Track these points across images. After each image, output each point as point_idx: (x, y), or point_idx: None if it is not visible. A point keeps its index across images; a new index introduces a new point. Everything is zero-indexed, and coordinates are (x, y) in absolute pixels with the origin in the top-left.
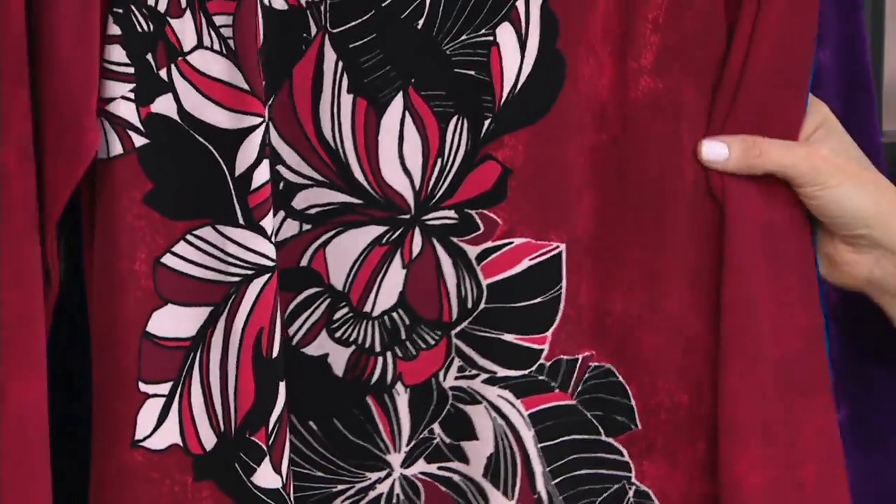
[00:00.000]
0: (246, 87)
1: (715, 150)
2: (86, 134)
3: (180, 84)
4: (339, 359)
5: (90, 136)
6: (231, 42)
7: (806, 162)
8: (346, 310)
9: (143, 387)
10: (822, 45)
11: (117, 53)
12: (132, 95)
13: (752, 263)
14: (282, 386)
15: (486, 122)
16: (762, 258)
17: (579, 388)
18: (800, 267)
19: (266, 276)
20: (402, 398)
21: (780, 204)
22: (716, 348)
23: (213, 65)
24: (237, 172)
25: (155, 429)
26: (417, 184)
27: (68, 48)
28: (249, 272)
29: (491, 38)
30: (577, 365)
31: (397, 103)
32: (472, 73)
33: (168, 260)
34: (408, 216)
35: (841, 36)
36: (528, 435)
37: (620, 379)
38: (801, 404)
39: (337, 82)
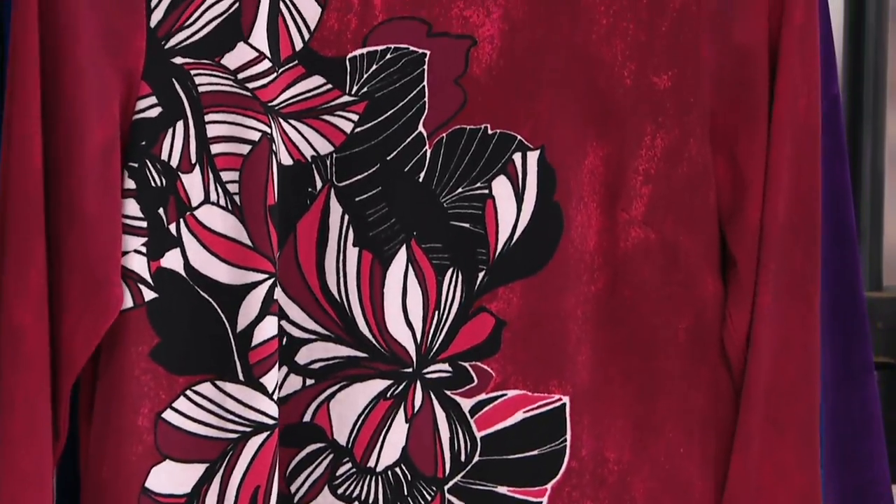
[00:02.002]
0: (250, 243)
1: None
2: (112, 290)
3: (188, 239)
4: None
5: (116, 293)
6: (237, 198)
7: None
8: (349, 465)
9: None
10: None
11: (131, 207)
12: (144, 249)
13: (757, 427)
14: None
15: (481, 275)
16: (766, 422)
17: None
18: (801, 429)
19: (265, 434)
20: None
21: (789, 364)
22: (708, 494)
23: (219, 220)
24: (239, 328)
25: None
26: (419, 337)
27: (93, 205)
28: (248, 429)
29: (486, 191)
30: None
31: (401, 256)
32: (468, 225)
33: (168, 415)
34: (410, 370)
35: (828, 190)
36: None
37: None
38: None
39: (343, 235)
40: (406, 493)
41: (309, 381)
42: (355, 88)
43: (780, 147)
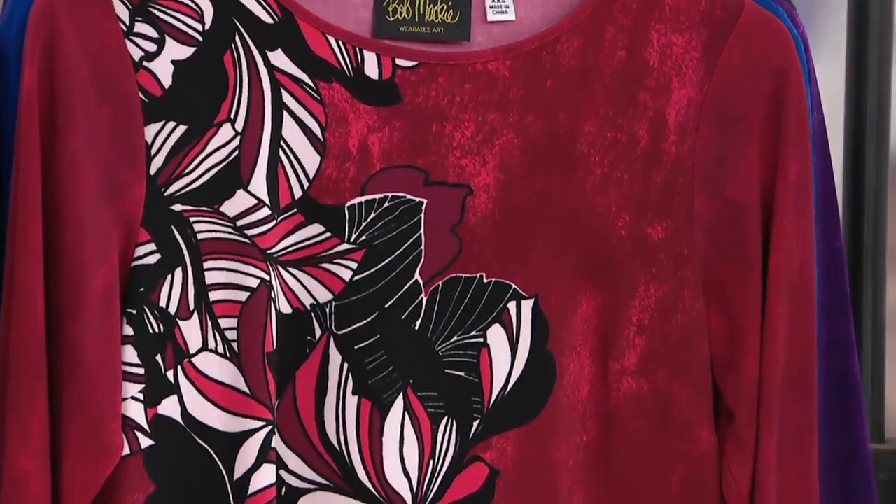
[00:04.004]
0: (247, 390)
1: None
2: (112, 437)
3: (185, 386)
4: None
5: (116, 440)
6: (235, 345)
7: None
8: None
9: None
10: None
11: (129, 354)
12: (141, 396)
13: None
14: None
15: (475, 424)
16: None
17: None
18: None
19: None
20: None
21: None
22: None
23: (216, 367)
24: (235, 477)
25: None
26: (415, 485)
27: (93, 352)
28: None
29: (481, 339)
30: None
31: (398, 404)
32: (462, 374)
33: None
34: None
35: (830, 341)
36: None
37: None
38: None
39: (342, 384)
40: None
41: None
42: (354, 236)
43: (778, 300)
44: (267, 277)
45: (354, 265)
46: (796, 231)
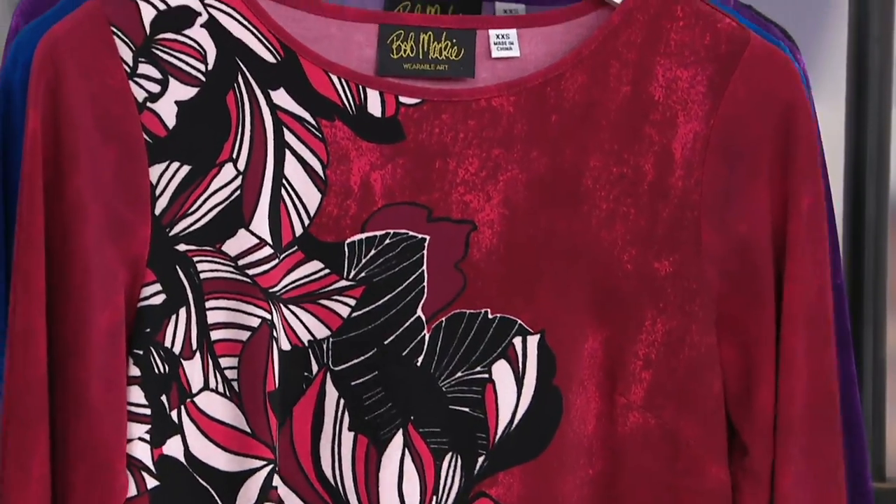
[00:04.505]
0: (248, 430)
1: None
2: (117, 479)
3: (188, 426)
4: None
5: (121, 481)
6: (235, 384)
7: None
8: None
9: None
10: None
11: (136, 394)
12: (148, 437)
13: None
14: None
15: (480, 460)
16: None
17: None
18: None
19: None
20: None
21: None
22: None
23: (218, 407)
24: None
25: None
26: None
27: (99, 394)
28: None
29: (486, 375)
30: None
31: (398, 440)
32: (467, 410)
33: None
34: None
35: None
36: None
37: None
38: None
39: (338, 420)
40: None
41: None
42: (353, 273)
43: (794, 332)
44: (268, 316)
45: (353, 302)
46: (812, 261)
